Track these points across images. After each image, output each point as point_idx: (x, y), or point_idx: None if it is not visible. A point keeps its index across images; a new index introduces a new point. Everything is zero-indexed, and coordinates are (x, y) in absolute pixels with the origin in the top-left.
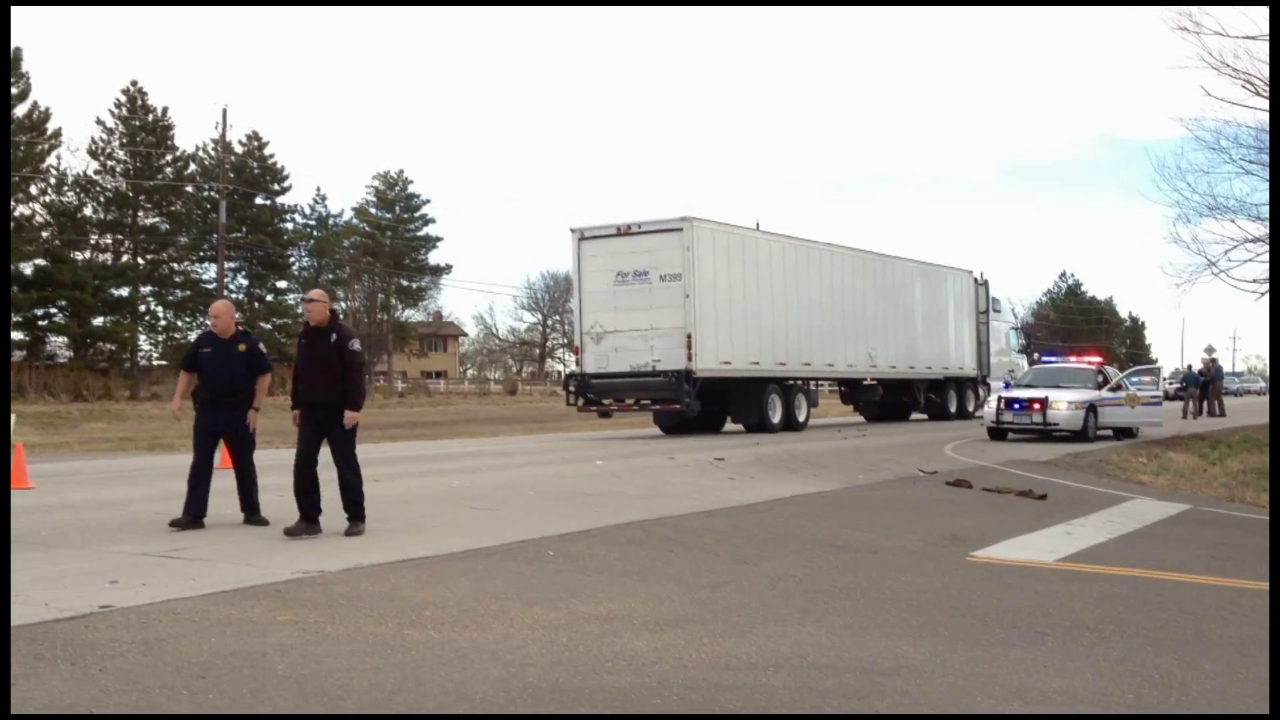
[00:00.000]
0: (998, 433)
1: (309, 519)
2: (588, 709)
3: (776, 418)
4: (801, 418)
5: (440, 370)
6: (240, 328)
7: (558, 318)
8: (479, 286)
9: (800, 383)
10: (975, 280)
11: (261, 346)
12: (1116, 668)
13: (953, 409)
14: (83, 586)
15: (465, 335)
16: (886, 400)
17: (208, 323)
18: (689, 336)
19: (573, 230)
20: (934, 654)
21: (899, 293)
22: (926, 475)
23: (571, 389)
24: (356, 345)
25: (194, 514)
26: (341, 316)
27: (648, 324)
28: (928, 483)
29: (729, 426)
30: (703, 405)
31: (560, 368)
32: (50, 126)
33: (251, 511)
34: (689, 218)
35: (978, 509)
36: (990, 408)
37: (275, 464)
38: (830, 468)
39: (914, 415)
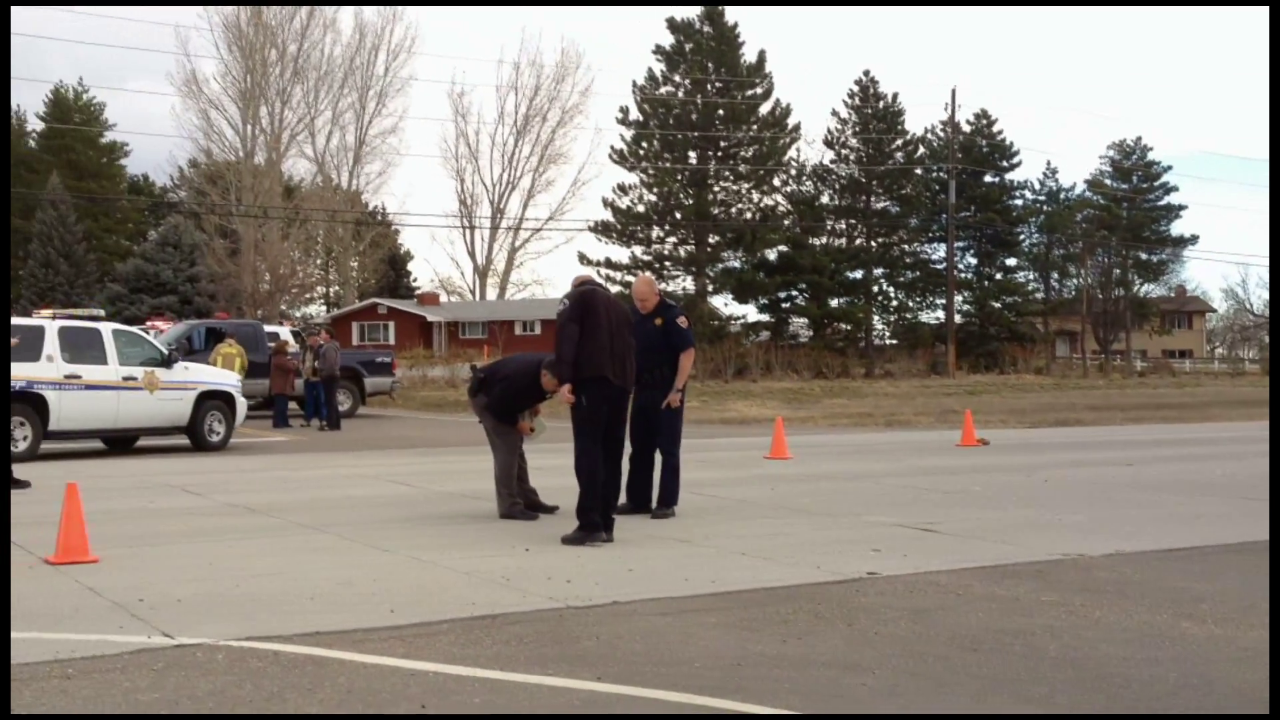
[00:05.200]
0: None
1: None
2: None
3: None
4: None
5: (1184, 349)
6: (666, 300)
7: None
8: (1229, 257)
9: None
10: None
11: (682, 321)
12: None
13: None
14: (848, 553)
15: (1213, 311)
16: None
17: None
18: None
19: None
20: None
21: None
22: None
23: None
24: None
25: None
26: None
27: None
28: None
29: None
30: None
31: None
32: (790, 122)
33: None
34: None
35: None
36: None
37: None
38: None
39: None
